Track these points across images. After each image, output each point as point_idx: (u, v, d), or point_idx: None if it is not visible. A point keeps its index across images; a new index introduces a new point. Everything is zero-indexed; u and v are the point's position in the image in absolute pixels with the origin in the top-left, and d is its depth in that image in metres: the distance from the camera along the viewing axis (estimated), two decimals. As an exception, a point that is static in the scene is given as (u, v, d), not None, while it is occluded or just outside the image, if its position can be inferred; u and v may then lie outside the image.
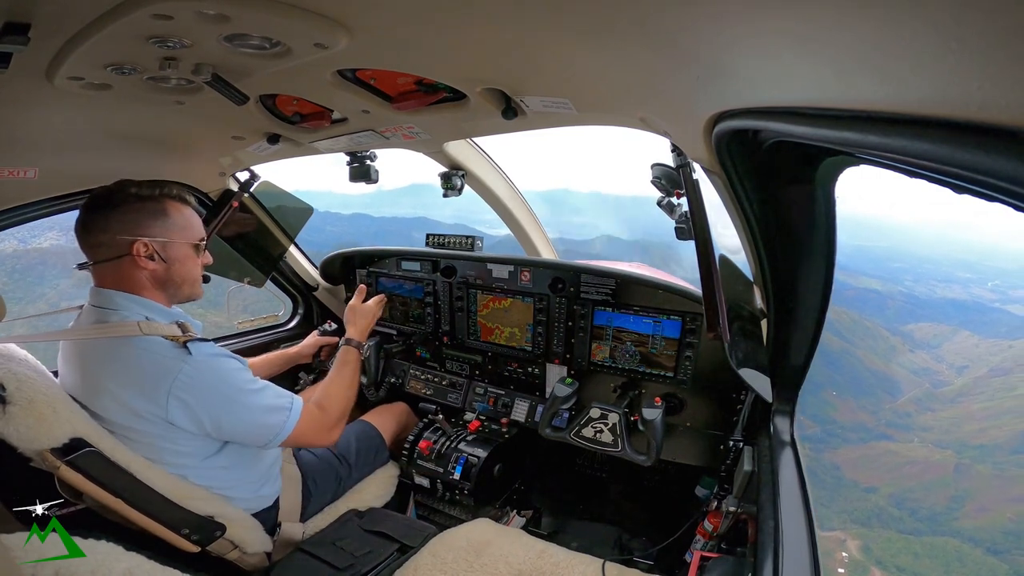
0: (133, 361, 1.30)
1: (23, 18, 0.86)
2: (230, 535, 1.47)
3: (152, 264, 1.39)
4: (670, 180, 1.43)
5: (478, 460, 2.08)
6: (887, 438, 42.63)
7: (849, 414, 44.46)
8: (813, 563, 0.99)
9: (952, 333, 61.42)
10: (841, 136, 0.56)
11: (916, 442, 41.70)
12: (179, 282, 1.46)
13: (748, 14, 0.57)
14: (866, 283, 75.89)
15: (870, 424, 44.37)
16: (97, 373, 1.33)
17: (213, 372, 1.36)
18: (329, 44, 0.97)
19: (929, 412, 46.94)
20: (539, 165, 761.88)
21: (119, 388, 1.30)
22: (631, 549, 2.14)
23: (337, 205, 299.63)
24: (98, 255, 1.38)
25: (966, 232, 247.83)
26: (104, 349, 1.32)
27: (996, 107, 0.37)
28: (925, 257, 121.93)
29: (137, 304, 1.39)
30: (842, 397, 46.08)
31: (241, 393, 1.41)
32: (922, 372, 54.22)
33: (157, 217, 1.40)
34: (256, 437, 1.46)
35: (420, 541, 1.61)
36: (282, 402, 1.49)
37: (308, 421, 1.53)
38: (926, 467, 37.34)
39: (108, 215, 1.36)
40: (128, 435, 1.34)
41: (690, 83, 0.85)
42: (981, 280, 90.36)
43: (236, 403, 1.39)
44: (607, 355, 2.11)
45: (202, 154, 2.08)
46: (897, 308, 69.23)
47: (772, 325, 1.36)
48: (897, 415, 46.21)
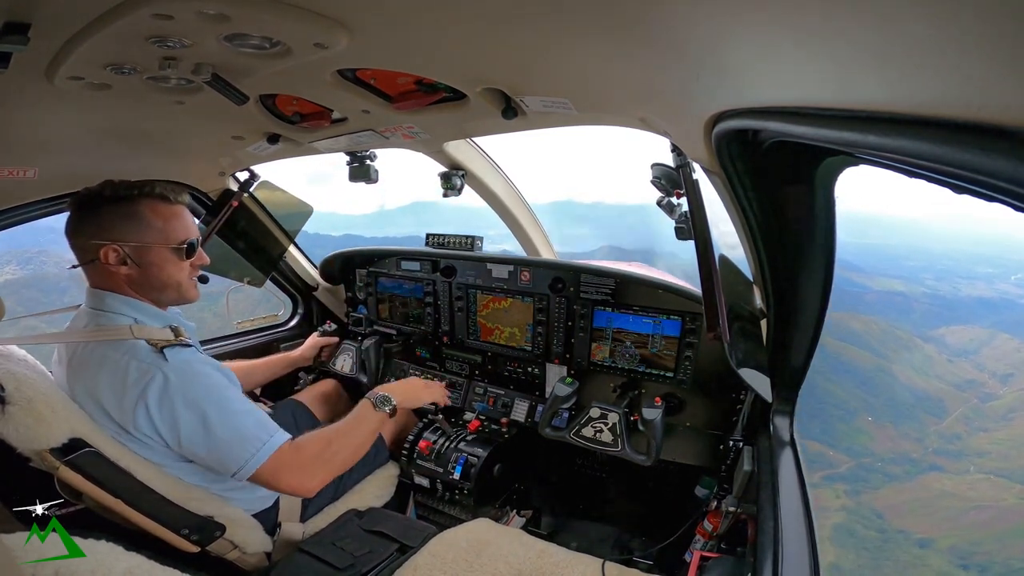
0: (111, 366, 1.28)
1: (23, 18, 0.85)
2: (230, 535, 1.46)
3: (125, 269, 1.34)
4: (670, 180, 1.43)
5: (478, 460, 2.08)
6: (937, 469, 33.94)
7: (889, 443, 36.38)
8: (813, 563, 0.99)
9: (989, 337, 52.86)
10: (841, 136, 0.56)
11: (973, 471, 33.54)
12: (158, 287, 1.40)
13: (748, 14, 0.57)
14: (887, 284, 68.77)
15: (916, 454, 35.88)
16: (81, 375, 1.32)
17: (185, 382, 1.27)
18: (329, 44, 0.97)
19: (982, 433, 38.87)
20: (543, 177, 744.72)
21: (98, 391, 1.29)
22: (631, 549, 2.14)
23: (341, 226, 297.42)
24: (78, 258, 1.37)
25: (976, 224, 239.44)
26: (91, 352, 1.31)
27: (996, 107, 0.37)
28: (942, 253, 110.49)
29: (127, 306, 1.36)
30: (879, 423, 38.11)
31: (213, 411, 1.28)
32: (966, 385, 45.32)
33: (129, 220, 1.34)
34: (218, 462, 1.32)
35: (420, 541, 1.61)
36: (259, 432, 1.33)
37: (289, 458, 1.35)
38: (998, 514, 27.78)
39: (82, 219, 1.34)
40: (121, 438, 1.33)
41: (690, 83, 0.85)
42: (1004, 274, 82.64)
43: (203, 420, 1.28)
44: (607, 355, 2.11)
45: (202, 154, 2.08)
46: (924, 311, 60.30)
47: (772, 325, 1.36)
48: (945, 439, 37.84)
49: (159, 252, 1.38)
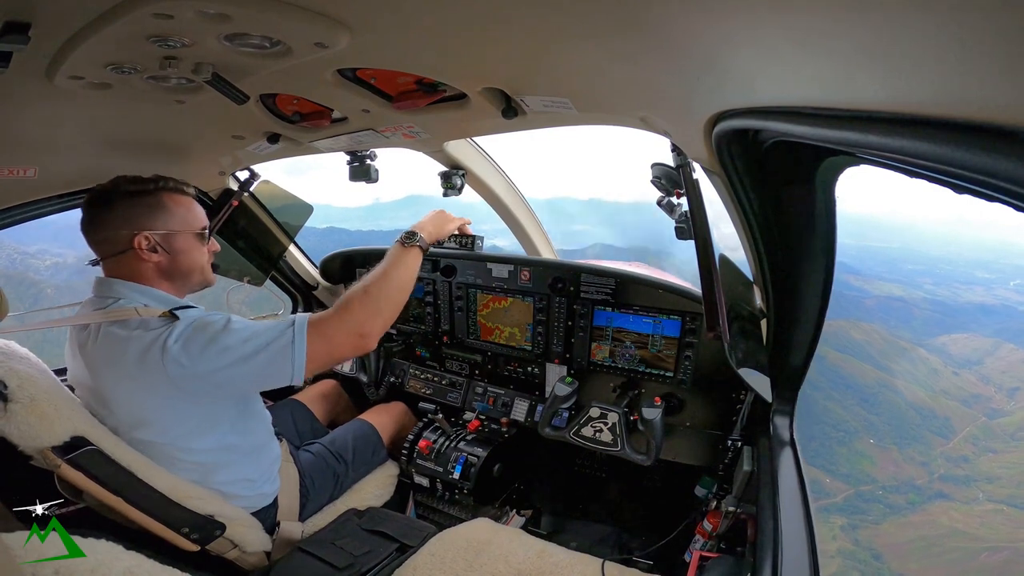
0: (129, 342, 1.29)
1: (23, 17, 0.86)
2: (230, 534, 1.47)
3: (156, 256, 1.40)
4: (670, 180, 1.43)
5: (478, 460, 2.09)
6: (944, 497, 30.88)
7: (892, 468, 33.29)
8: (812, 563, 0.99)
9: (993, 346, 50.34)
10: (841, 136, 0.56)
11: (983, 499, 30.75)
12: (186, 271, 1.47)
13: (749, 14, 0.57)
14: (886, 289, 66.08)
15: (921, 480, 32.77)
16: (101, 363, 1.34)
17: (202, 324, 1.29)
18: (329, 43, 0.97)
19: (990, 454, 35.96)
20: (539, 173, 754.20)
21: (123, 372, 1.31)
22: (631, 549, 2.14)
23: (334, 219, 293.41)
24: (103, 251, 1.41)
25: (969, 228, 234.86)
26: (104, 336, 1.33)
27: (996, 107, 0.37)
28: (940, 257, 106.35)
29: (140, 293, 1.39)
30: (882, 446, 35.03)
31: (232, 332, 1.29)
32: (972, 400, 42.29)
33: (155, 210, 1.40)
34: (268, 370, 1.29)
35: (419, 541, 1.61)
36: (280, 324, 1.33)
37: (330, 319, 1.34)
38: (1014, 555, 23.88)
39: (107, 211, 1.38)
40: (137, 428, 1.35)
41: (690, 83, 0.85)
42: (1002, 280, 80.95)
43: (229, 342, 1.27)
44: (607, 355, 2.11)
45: (202, 153, 2.08)
46: (924, 317, 58.05)
47: (772, 325, 1.36)
48: (952, 462, 34.81)
49: (185, 238, 1.45)
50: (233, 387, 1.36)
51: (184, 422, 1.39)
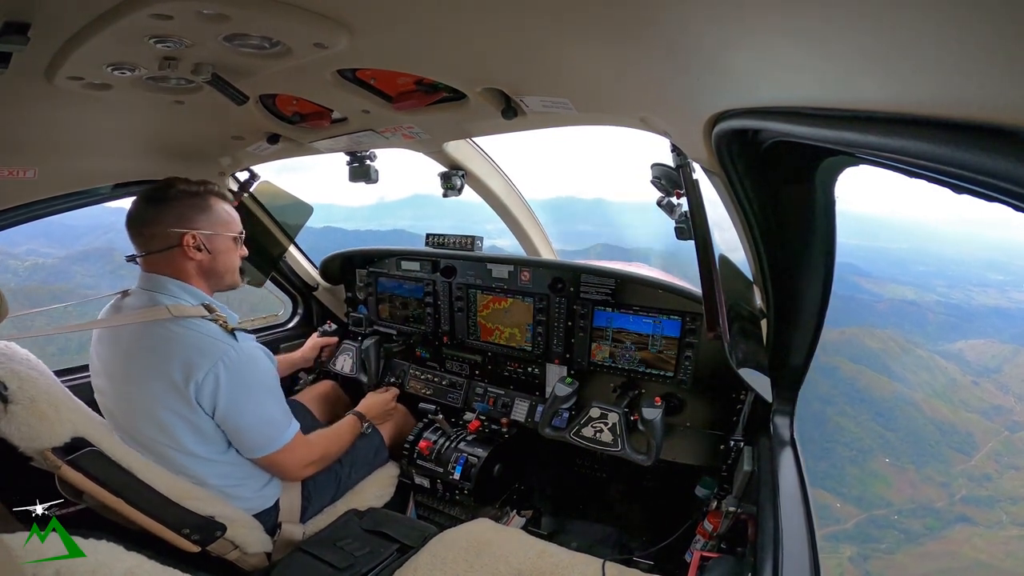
0: (182, 338, 1.40)
1: (23, 18, 0.86)
2: (230, 535, 1.47)
3: (199, 255, 1.50)
4: (670, 180, 1.43)
5: (478, 460, 2.08)
6: (966, 521, 27.74)
7: (908, 490, 30.14)
8: (813, 563, 0.99)
9: (1013, 353, 46.06)
10: (841, 136, 0.56)
11: (1007, 522, 27.98)
12: (222, 272, 1.57)
13: (748, 14, 0.57)
14: (898, 292, 61.97)
15: (941, 502, 29.37)
16: (138, 352, 1.41)
17: (253, 363, 1.47)
18: (329, 44, 0.97)
19: (1013, 471, 32.37)
20: (544, 173, 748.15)
21: (162, 362, 1.38)
22: (631, 549, 2.14)
23: (341, 218, 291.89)
24: (151, 246, 1.47)
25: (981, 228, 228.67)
26: (149, 328, 1.40)
27: (996, 107, 0.37)
28: (951, 258, 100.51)
29: (182, 289, 1.48)
30: (899, 465, 31.81)
31: (264, 393, 1.51)
32: (992, 412, 38.43)
33: (204, 211, 1.51)
34: (252, 440, 1.51)
35: (420, 541, 1.61)
36: (285, 419, 1.58)
37: (297, 447, 1.60)
38: None
39: (160, 209, 1.46)
40: (145, 423, 1.38)
41: (690, 83, 0.85)
42: (1016, 282, 77.27)
43: (255, 400, 1.48)
44: (607, 355, 2.11)
45: (202, 154, 2.09)
46: (939, 322, 54.20)
47: (772, 325, 1.36)
48: (975, 481, 31.51)
49: (225, 240, 1.56)
50: (225, 425, 1.48)
51: (189, 423, 1.41)
